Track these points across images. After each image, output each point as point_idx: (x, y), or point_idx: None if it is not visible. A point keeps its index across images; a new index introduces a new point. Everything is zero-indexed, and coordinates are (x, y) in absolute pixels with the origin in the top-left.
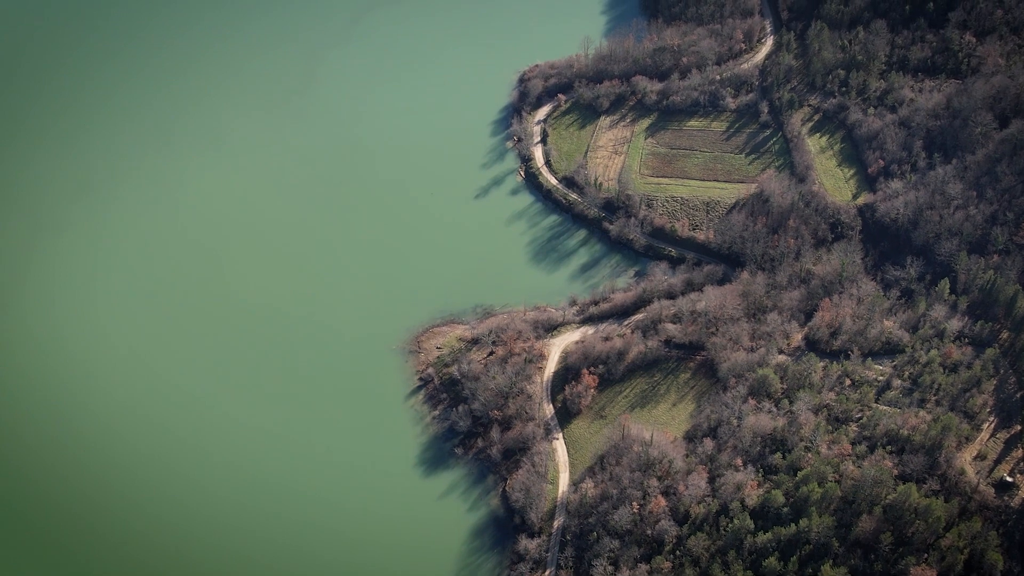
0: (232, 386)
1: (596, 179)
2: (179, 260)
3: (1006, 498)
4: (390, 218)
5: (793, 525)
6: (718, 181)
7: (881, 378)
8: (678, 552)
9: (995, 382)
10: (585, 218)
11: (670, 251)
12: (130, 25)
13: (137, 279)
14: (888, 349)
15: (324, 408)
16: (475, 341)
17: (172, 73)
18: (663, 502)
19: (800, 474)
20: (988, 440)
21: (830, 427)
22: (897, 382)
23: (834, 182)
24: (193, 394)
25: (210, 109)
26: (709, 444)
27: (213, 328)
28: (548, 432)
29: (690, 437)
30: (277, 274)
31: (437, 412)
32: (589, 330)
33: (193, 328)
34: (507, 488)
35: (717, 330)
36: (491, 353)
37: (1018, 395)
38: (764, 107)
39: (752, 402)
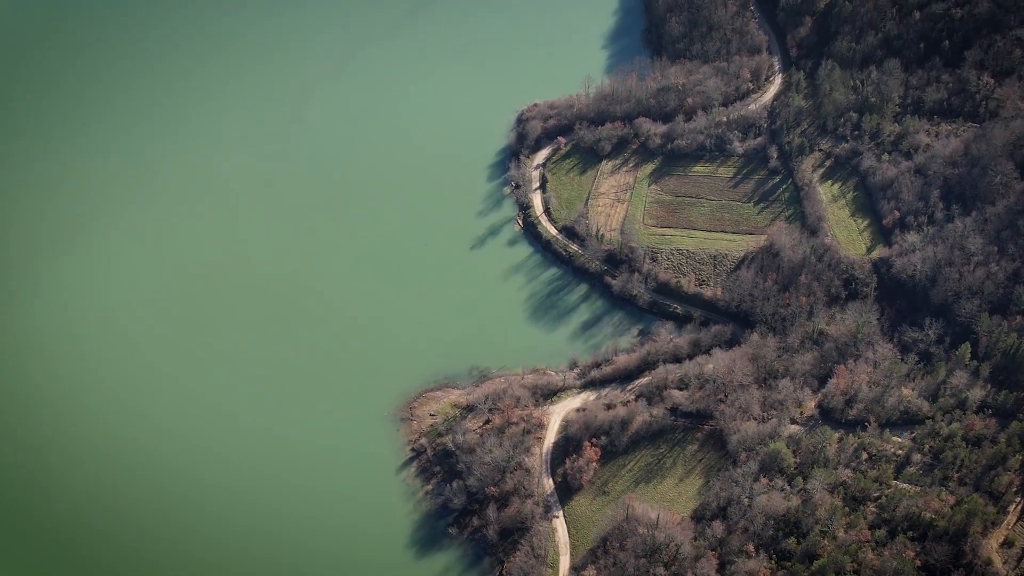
0: (212, 457)
1: (597, 229)
2: (157, 319)
3: None
4: (381, 270)
5: None
6: (725, 232)
7: (900, 452)
8: None
9: (1021, 458)
10: (586, 271)
11: (676, 308)
12: (117, 60)
13: (113, 342)
14: (907, 419)
15: (310, 481)
16: (471, 408)
17: (157, 109)
18: None
19: (816, 563)
20: (1015, 524)
21: (847, 508)
22: (917, 457)
23: (847, 234)
24: (169, 465)
25: (195, 148)
26: (719, 527)
27: (190, 395)
28: (548, 510)
29: (698, 517)
30: (258, 332)
31: (430, 487)
32: (591, 396)
33: (170, 390)
34: (504, 572)
35: (726, 397)
36: (487, 422)
37: None
38: (773, 152)
39: (764, 480)
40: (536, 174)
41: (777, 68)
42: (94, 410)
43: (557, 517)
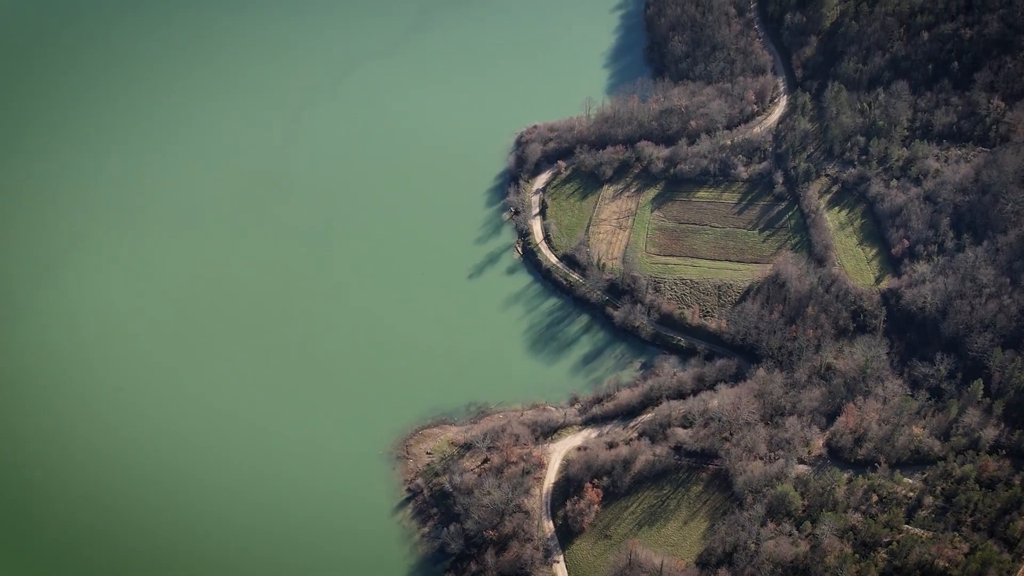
0: (200, 499)
1: (599, 258)
2: (145, 351)
3: None
4: (376, 299)
5: None
6: (730, 261)
7: (911, 494)
8: None
9: None
10: (587, 301)
11: (679, 340)
12: (108, 76)
13: (104, 379)
14: (918, 459)
15: (302, 523)
16: (468, 446)
17: (150, 127)
18: None
19: None
20: None
21: (857, 555)
22: (929, 499)
23: (855, 263)
24: (160, 506)
25: (186, 170)
26: (725, 574)
27: (178, 432)
28: (548, 555)
29: (703, 563)
30: (247, 365)
31: (427, 529)
32: (592, 433)
33: (157, 426)
34: None
35: (731, 436)
36: (486, 461)
37: None
38: (779, 177)
39: (772, 525)
40: (536, 199)
41: (782, 89)
42: (76, 450)
43: (558, 562)
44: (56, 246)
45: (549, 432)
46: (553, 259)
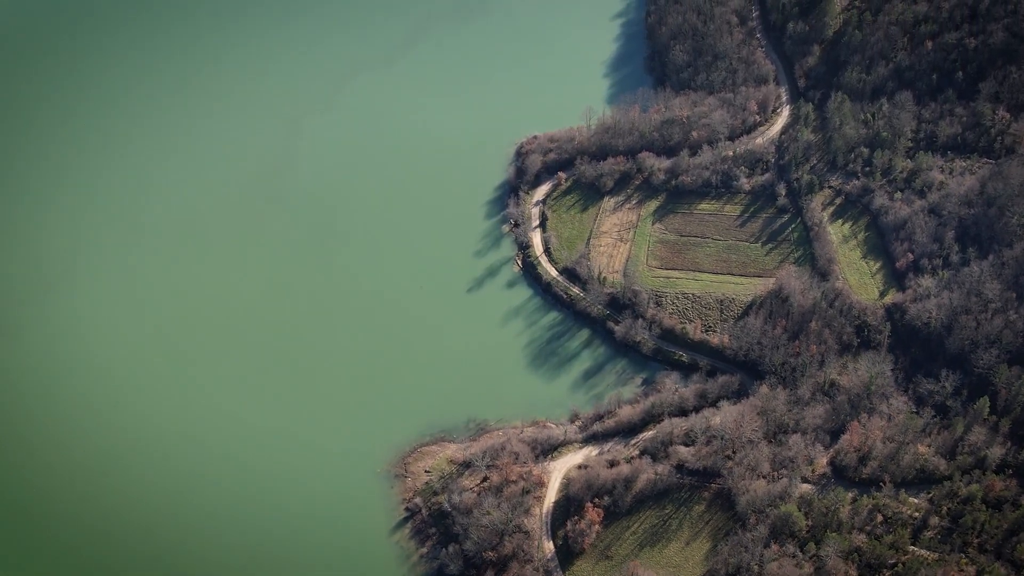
0: (196, 523)
1: (599, 271)
2: (140, 368)
3: None
4: (374, 315)
5: None
6: (732, 275)
7: (917, 514)
8: None
9: None
10: (588, 316)
11: (681, 356)
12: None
13: (98, 399)
14: (923, 478)
15: (300, 542)
16: (468, 464)
17: (144, 142)
18: None
19: None
20: None
21: None
22: (935, 520)
23: (859, 277)
24: (156, 534)
25: (180, 186)
26: None
27: (170, 451)
28: None
29: None
30: (244, 381)
31: (425, 550)
32: (592, 451)
33: (152, 447)
34: None
35: (734, 454)
36: (485, 479)
37: None
38: (781, 189)
39: (775, 546)
40: (536, 211)
41: (785, 99)
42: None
43: None
44: (56, 256)
45: (549, 450)
46: (553, 272)
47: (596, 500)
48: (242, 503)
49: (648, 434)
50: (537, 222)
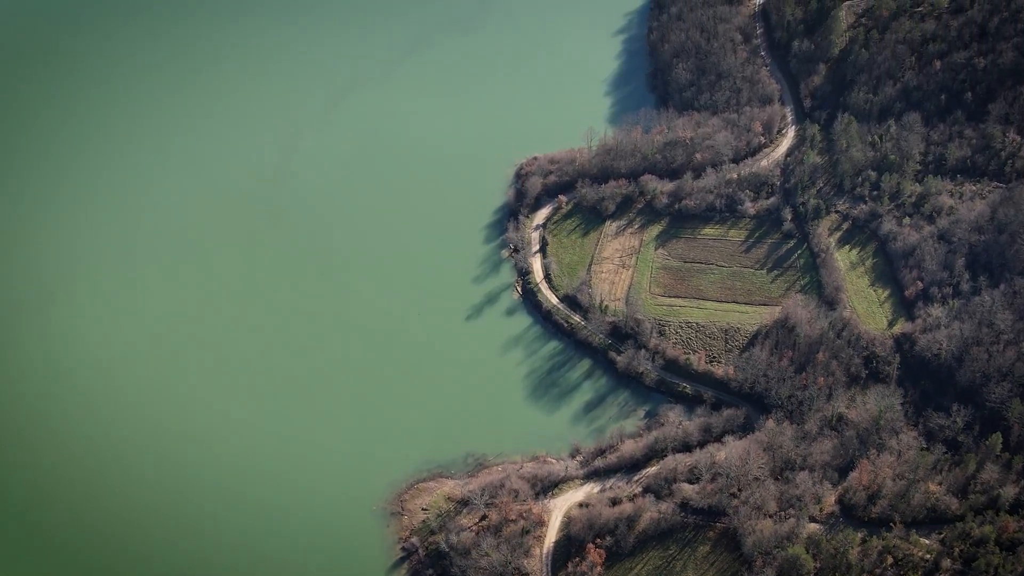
0: (191, 559)
1: (601, 299)
2: (131, 403)
3: None
4: (370, 344)
5: None
6: (737, 303)
7: (928, 556)
8: None
9: None
10: (589, 345)
11: (685, 387)
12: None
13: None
14: (934, 518)
15: None
16: (466, 502)
17: (138, 162)
18: None
19: None
20: None
21: None
22: (947, 562)
23: (867, 306)
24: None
25: (175, 207)
26: None
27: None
28: None
29: None
30: (234, 412)
31: None
32: (594, 487)
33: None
34: None
35: (740, 492)
36: (484, 518)
37: None
38: (787, 213)
39: None
40: (536, 235)
41: (790, 119)
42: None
43: None
44: (56, 261)
45: (550, 487)
46: (554, 300)
47: (598, 540)
48: (229, 546)
49: (651, 470)
50: (537, 247)
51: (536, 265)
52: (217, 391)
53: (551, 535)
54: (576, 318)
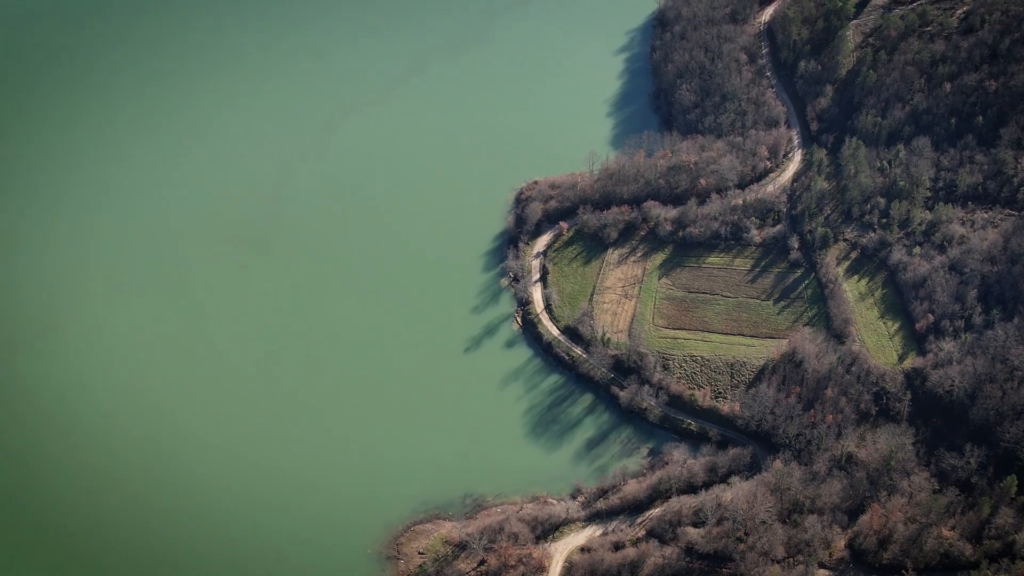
0: None
1: (603, 332)
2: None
3: None
4: (366, 378)
5: None
6: (743, 336)
7: None
8: None
9: None
10: (591, 379)
11: (689, 424)
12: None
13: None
14: (947, 564)
15: None
16: (463, 546)
17: (132, 188)
18: None
19: None
20: None
21: None
22: None
23: (877, 339)
24: None
25: (166, 232)
26: None
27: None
28: None
29: None
30: (225, 452)
31: None
32: (596, 530)
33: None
34: None
35: (746, 536)
36: (482, 563)
37: None
38: (794, 242)
39: None
40: (536, 264)
41: (796, 143)
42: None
43: None
44: (43, 297)
45: (550, 530)
46: (554, 332)
47: None
48: None
49: (655, 512)
50: (538, 276)
51: (536, 295)
52: (209, 428)
53: None
54: (577, 351)
